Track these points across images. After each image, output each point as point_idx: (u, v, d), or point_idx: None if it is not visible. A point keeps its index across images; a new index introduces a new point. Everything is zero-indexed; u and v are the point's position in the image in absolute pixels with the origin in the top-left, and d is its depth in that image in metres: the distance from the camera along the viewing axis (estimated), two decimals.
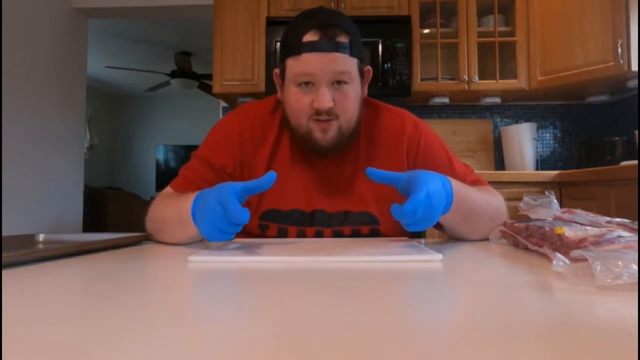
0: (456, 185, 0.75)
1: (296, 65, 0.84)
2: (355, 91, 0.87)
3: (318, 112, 0.84)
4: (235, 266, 0.56)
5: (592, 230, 0.56)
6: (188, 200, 0.74)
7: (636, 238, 0.52)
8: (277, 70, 0.92)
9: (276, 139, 0.95)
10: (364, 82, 0.91)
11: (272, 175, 0.68)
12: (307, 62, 0.82)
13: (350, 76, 0.85)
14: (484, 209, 0.82)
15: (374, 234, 0.92)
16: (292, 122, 0.89)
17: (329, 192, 0.94)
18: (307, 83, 0.84)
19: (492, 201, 0.86)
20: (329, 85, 0.84)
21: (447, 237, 0.90)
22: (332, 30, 0.83)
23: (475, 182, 0.95)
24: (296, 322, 0.32)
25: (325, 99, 0.83)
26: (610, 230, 0.56)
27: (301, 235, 0.91)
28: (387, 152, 0.95)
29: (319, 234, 0.91)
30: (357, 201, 0.93)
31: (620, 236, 0.53)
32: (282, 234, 0.91)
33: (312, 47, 0.82)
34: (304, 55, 0.83)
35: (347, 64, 0.84)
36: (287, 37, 0.87)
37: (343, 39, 0.83)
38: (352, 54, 0.84)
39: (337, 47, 0.82)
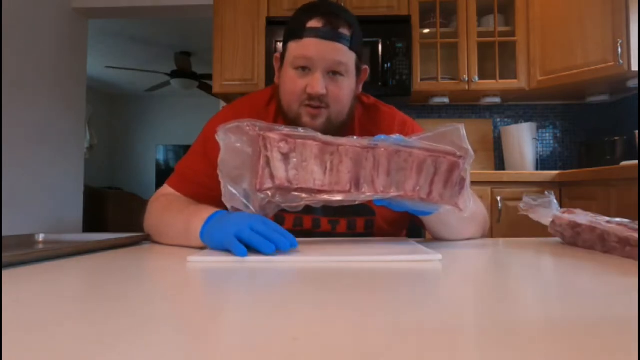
0: None
1: (296, 48, 0.86)
2: (349, 85, 0.89)
3: (310, 97, 0.86)
4: (234, 266, 0.56)
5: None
6: (198, 217, 0.73)
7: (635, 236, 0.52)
8: (277, 54, 0.94)
9: None
10: (359, 79, 0.93)
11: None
12: (307, 46, 0.84)
13: (346, 68, 0.86)
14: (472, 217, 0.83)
15: (369, 225, 0.93)
16: (284, 104, 0.91)
17: None
18: (304, 68, 0.86)
19: (477, 210, 0.87)
20: (324, 73, 0.85)
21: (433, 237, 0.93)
22: (335, 21, 0.85)
23: None
24: (295, 321, 0.32)
25: (318, 84, 0.84)
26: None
27: (298, 222, 0.92)
28: None
29: (315, 222, 0.92)
30: None
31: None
32: (280, 221, 0.91)
33: (314, 33, 0.84)
34: (305, 39, 0.85)
35: (346, 55, 0.86)
36: (292, 22, 0.89)
37: (345, 30, 0.85)
38: (351, 48, 0.86)
39: (338, 37, 0.85)
